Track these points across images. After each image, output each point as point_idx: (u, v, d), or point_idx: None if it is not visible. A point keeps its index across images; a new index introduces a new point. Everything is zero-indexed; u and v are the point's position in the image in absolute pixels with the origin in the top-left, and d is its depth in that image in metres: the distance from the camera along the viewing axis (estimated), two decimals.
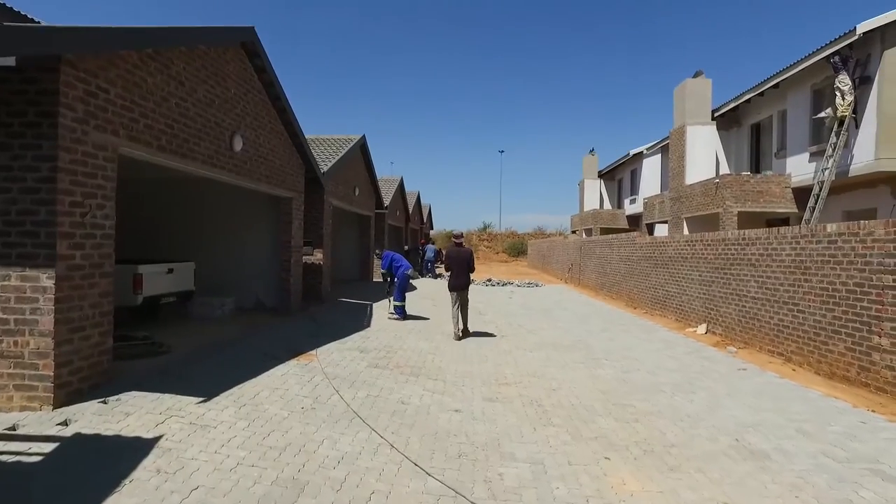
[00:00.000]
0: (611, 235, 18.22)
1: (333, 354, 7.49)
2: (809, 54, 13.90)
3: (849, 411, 5.71)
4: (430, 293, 17.29)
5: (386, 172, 27.76)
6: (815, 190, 13.40)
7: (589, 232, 31.37)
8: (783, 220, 17.17)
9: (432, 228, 53.91)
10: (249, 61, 8.71)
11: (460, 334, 9.59)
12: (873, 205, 13.65)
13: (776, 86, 15.69)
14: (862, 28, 12.21)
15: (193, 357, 6.85)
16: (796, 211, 15.42)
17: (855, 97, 12.78)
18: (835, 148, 13.13)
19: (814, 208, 13.29)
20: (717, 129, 18.68)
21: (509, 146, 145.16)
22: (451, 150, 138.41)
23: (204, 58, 7.25)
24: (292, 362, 6.85)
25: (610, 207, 33.04)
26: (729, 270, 10.01)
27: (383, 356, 7.65)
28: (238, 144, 8.21)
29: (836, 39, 12.95)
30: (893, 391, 6.24)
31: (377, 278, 22.29)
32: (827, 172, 13.24)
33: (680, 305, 12.21)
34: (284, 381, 5.99)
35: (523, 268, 40.23)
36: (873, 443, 4.76)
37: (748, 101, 17.25)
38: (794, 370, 7.70)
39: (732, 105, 17.82)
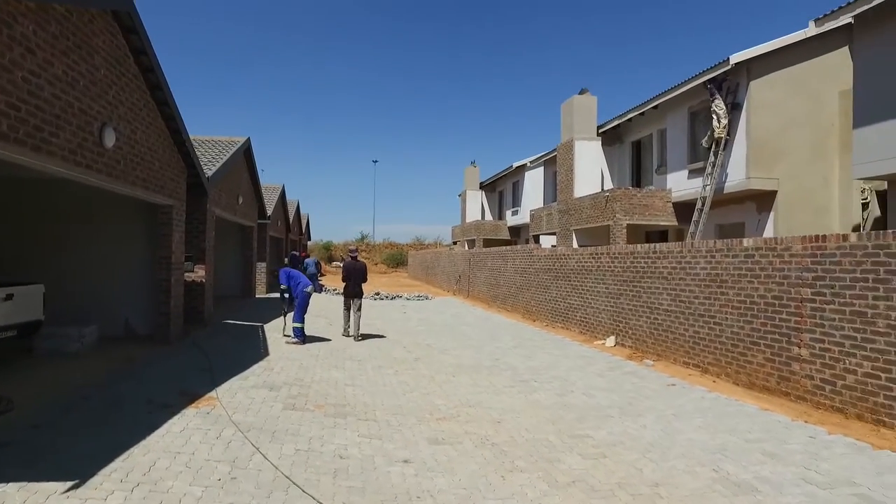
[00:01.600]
0: (505, 247, 18.24)
1: (238, 395, 6.30)
2: (687, 80, 14.84)
3: (791, 425, 5.73)
4: (321, 310, 16.09)
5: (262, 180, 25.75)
6: (699, 205, 14.25)
7: (472, 243, 31.61)
8: (662, 233, 18.22)
9: (310, 239, 51.71)
10: (124, 38, 7.18)
11: (351, 332, 11.07)
12: (742, 219, 14.81)
13: (656, 107, 16.63)
14: (734, 59, 13.20)
15: (50, 416, 5.34)
16: (676, 224, 16.38)
17: (729, 120, 13.78)
18: (713, 167, 14.06)
19: (698, 222, 14.13)
20: (602, 144, 19.48)
21: (384, 156, 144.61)
22: (324, 159, 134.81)
23: (63, 23, 5.73)
24: (189, 411, 5.60)
25: (491, 218, 33.60)
26: (639, 283, 10.13)
27: (297, 393, 6.60)
28: (110, 139, 6.67)
29: (711, 67, 13.91)
30: (813, 399, 6.43)
31: (260, 294, 20.53)
32: (708, 189, 14.14)
33: (584, 318, 12.27)
34: (186, 439, 4.78)
35: (405, 279, 39.73)
36: (836, 460, 4.69)
37: (630, 119, 18.16)
38: (713, 381, 7.80)
39: (616, 123, 18.68)
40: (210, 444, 4.68)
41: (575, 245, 18.75)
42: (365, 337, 11.42)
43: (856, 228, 13.89)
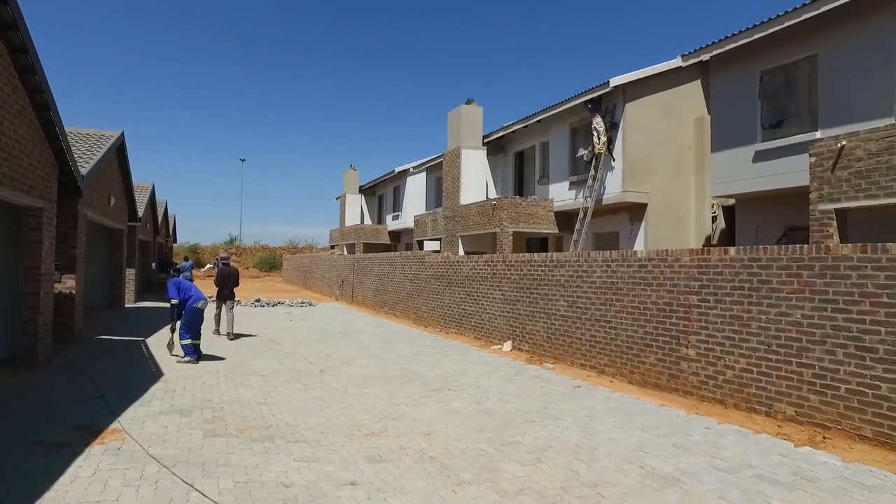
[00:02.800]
0: (394, 253, 18.29)
1: (147, 425, 5.71)
2: (570, 98, 15.91)
3: (688, 419, 6.39)
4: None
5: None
6: (581, 215, 15.32)
7: (352, 247, 31.23)
8: (542, 240, 19.34)
9: (175, 242, 47.79)
10: None
11: (223, 331, 11.50)
12: (617, 229, 16.19)
13: (539, 121, 17.63)
14: (613, 82, 14.42)
15: None
16: (557, 232, 17.47)
17: (608, 137, 15.00)
18: (594, 180, 15.21)
19: (580, 231, 15.18)
20: (486, 154, 20.22)
21: (252, 155, 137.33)
22: (189, 156, 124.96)
23: None
24: (95, 449, 4.97)
25: (371, 222, 33.43)
26: (536, 290, 10.68)
27: (212, 417, 6.13)
28: None
29: (592, 88, 15.05)
30: (699, 393, 7.23)
31: (129, 304, 18.68)
32: (589, 200, 15.25)
33: (480, 324, 12.67)
34: (103, 485, 4.22)
35: (280, 284, 38.19)
36: (732, 447, 5.34)
37: (514, 131, 19.06)
38: (611, 381, 8.46)
39: (501, 134, 19.51)
40: (135, 487, 4.19)
41: (461, 251, 19.27)
42: (238, 336, 12.46)
43: (708, 238, 15.76)
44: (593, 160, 15.28)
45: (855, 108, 9.94)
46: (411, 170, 26.29)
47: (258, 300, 21.79)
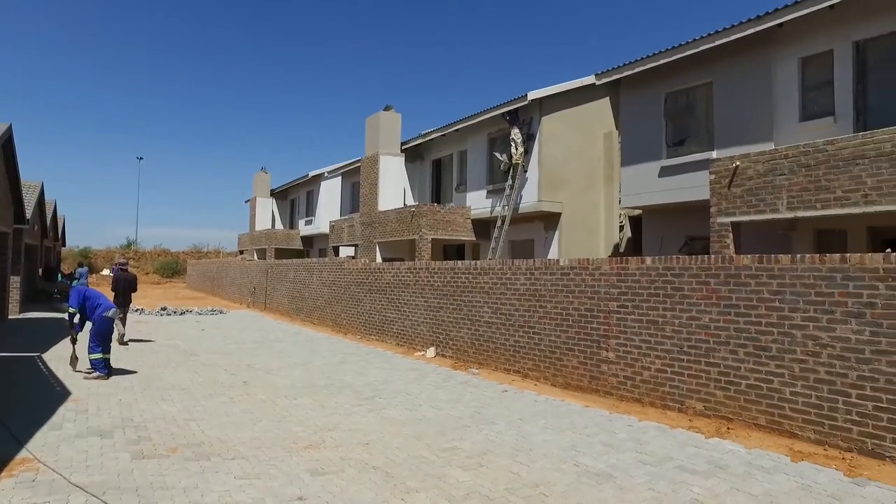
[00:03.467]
0: (312, 259, 17.95)
1: (63, 450, 5.28)
2: (489, 109, 16.40)
3: (612, 418, 6.84)
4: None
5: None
6: (499, 223, 15.80)
7: (262, 252, 30.22)
8: (459, 247, 19.72)
9: (64, 245, 43.80)
10: None
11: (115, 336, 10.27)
12: (532, 237, 16.83)
13: (457, 130, 18.00)
14: (531, 95, 15.03)
15: None
16: (474, 239, 17.89)
17: (525, 148, 15.60)
18: (511, 189, 15.74)
19: (498, 238, 15.65)
20: (405, 160, 20.35)
21: (152, 155, 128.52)
22: (79, 154, 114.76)
23: None
24: (5, 482, 4.53)
25: (283, 227, 32.52)
26: (460, 297, 10.92)
27: (137, 437, 5.79)
28: None
29: (511, 100, 15.61)
30: (618, 393, 7.74)
31: (14, 315, 16.97)
32: (507, 209, 15.76)
33: (402, 330, 12.75)
34: None
35: (184, 290, 36.14)
36: (654, 442, 5.79)
37: (432, 139, 19.32)
38: (535, 385, 8.84)
39: (419, 141, 19.71)
40: None
41: (378, 257, 19.24)
42: (131, 340, 12.49)
43: (616, 246, 16.78)
44: (511, 170, 15.82)
45: (744, 132, 11.04)
46: (326, 174, 25.89)
47: (164, 308, 20.55)
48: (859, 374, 5.46)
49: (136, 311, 19.91)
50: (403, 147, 20.15)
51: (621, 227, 16.93)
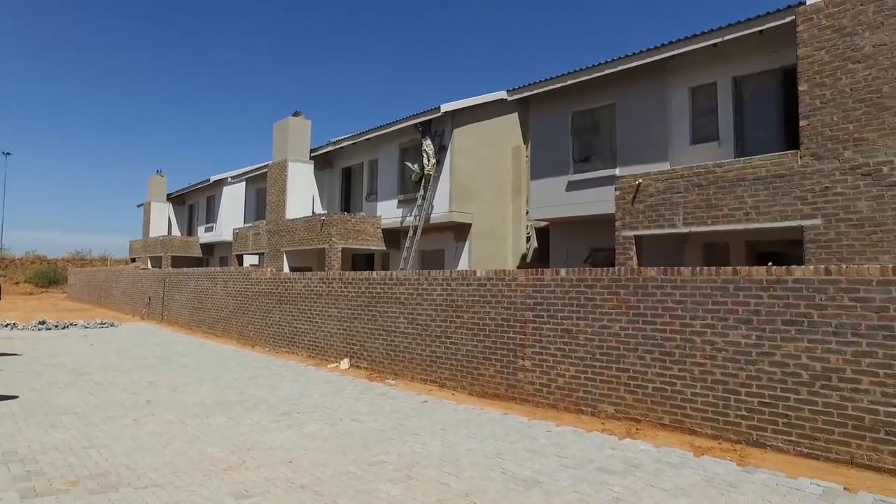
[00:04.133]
0: (216, 268, 17.09)
1: None
2: (402, 119, 16.50)
3: (531, 424, 7.09)
4: None
5: None
6: (410, 233, 15.89)
7: (157, 260, 28.34)
8: (369, 257, 19.60)
9: None
10: None
11: None
12: (442, 247, 17.08)
13: (369, 139, 17.94)
14: (444, 108, 15.32)
15: None
16: (384, 249, 17.86)
17: (437, 160, 15.84)
18: (423, 199, 15.91)
19: (410, 248, 15.74)
20: (314, 168, 19.95)
21: (20, 151, 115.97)
22: None
23: None
24: None
25: (180, 234, 30.68)
26: (375, 308, 10.88)
27: (28, 471, 5.23)
28: None
29: (424, 112, 15.80)
30: (534, 400, 8.06)
31: None
32: (418, 219, 15.90)
33: (314, 342, 12.47)
34: None
35: (64, 302, 32.97)
36: (573, 446, 6.10)
37: (342, 147, 19.11)
38: (452, 394, 8.99)
39: (329, 149, 19.41)
40: None
41: (286, 266, 18.69)
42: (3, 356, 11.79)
43: (523, 257, 17.42)
44: (422, 180, 15.99)
45: (643, 152, 11.92)
46: (229, 179, 24.79)
47: (43, 322, 18.64)
48: (747, 374, 6.08)
49: (7, 325, 17.97)
50: (313, 154, 19.76)
51: (528, 238, 17.60)
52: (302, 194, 19.26)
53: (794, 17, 8.97)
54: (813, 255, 8.33)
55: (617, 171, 11.89)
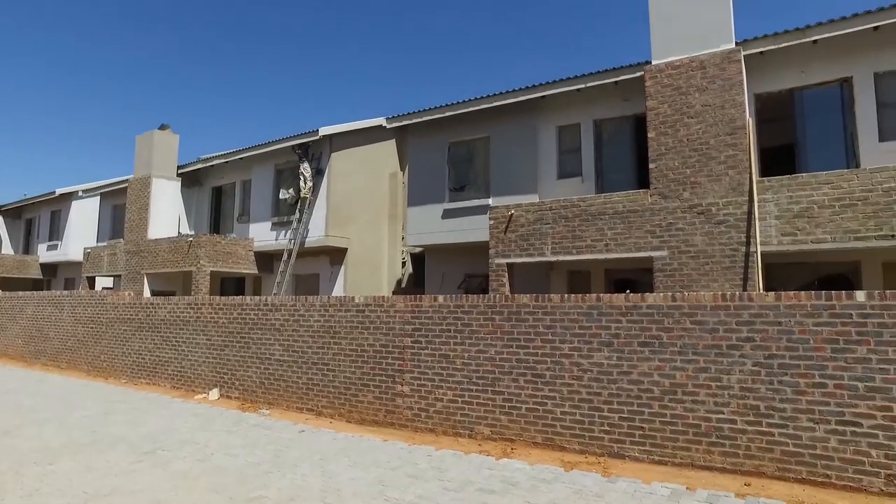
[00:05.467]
0: (62, 292, 15.31)
1: None
2: (278, 140, 16.13)
3: (412, 449, 7.17)
4: None
5: None
6: (285, 257, 15.47)
7: None
8: (239, 280, 18.73)
9: None
10: None
11: None
12: (318, 271, 16.80)
13: (242, 158, 17.28)
14: (322, 131, 15.22)
15: None
16: (257, 272, 17.19)
17: (314, 183, 15.64)
18: (299, 223, 15.59)
19: (284, 272, 15.29)
20: (181, 185, 18.77)
21: None
22: None
23: None
24: None
25: (13, 252, 27.12)
26: (249, 335, 10.43)
27: None
28: None
29: (302, 134, 15.58)
30: (413, 425, 8.18)
31: None
32: (293, 242, 15.52)
33: (179, 371, 11.65)
34: None
35: None
36: (453, 469, 6.26)
37: (213, 165, 18.20)
38: (330, 422, 8.84)
39: (199, 166, 18.37)
40: None
41: (146, 290, 17.31)
42: None
43: (398, 282, 17.62)
44: (298, 203, 15.70)
45: (515, 184, 12.71)
46: (80, 193, 22.48)
47: None
48: (609, 392, 6.68)
49: None
50: (180, 171, 18.60)
51: (404, 264, 17.86)
52: (167, 213, 18.00)
53: (643, 72, 10.17)
54: (661, 282, 9.38)
55: (490, 201, 12.55)
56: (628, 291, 7.00)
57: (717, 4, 9.84)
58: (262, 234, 17.11)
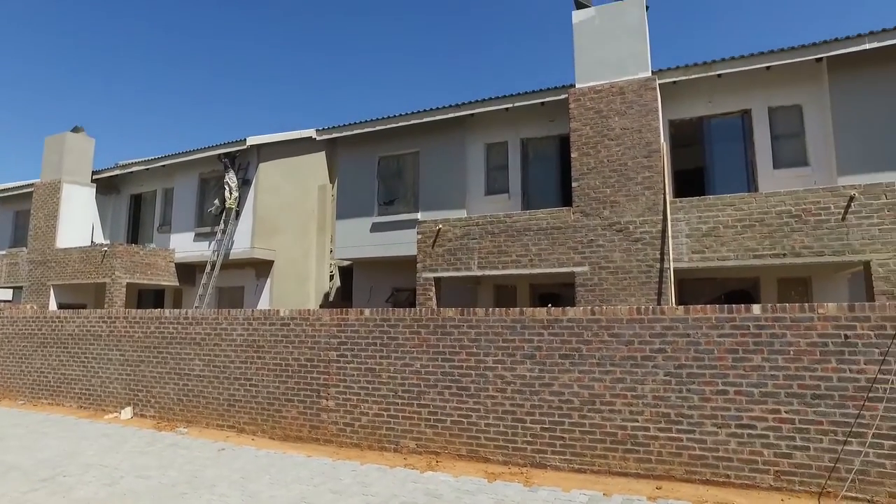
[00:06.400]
0: None
1: None
2: (203, 148, 15.59)
3: (336, 465, 7.08)
4: None
5: None
6: (208, 269, 14.91)
7: None
8: (158, 292, 17.87)
9: None
10: None
11: None
12: (243, 283, 16.31)
13: (164, 166, 16.58)
14: (250, 141, 14.87)
15: None
16: (177, 284, 16.47)
17: (240, 193, 15.22)
18: (223, 234, 15.10)
19: (207, 285, 14.73)
20: (96, 192, 17.75)
21: None
22: None
23: None
24: None
25: None
26: (166, 350, 9.98)
27: None
28: None
29: (229, 143, 15.15)
30: (338, 440, 8.08)
31: None
32: (217, 254, 15.01)
33: (87, 390, 10.95)
34: None
35: None
36: (378, 484, 6.24)
37: (132, 172, 17.33)
38: (252, 439, 8.58)
39: (116, 172, 17.43)
40: None
41: (53, 303, 16.19)
42: None
43: (326, 295, 17.36)
44: (223, 214, 15.23)
45: (443, 199, 12.89)
46: None
47: None
48: (532, 404, 6.87)
49: None
50: (96, 177, 17.59)
51: (332, 277, 17.64)
52: (79, 221, 16.95)
53: (567, 95, 10.64)
54: (582, 297, 9.76)
55: (419, 216, 12.66)
56: (550, 305, 7.26)
57: (634, 34, 10.47)
58: (185, 245, 16.43)
